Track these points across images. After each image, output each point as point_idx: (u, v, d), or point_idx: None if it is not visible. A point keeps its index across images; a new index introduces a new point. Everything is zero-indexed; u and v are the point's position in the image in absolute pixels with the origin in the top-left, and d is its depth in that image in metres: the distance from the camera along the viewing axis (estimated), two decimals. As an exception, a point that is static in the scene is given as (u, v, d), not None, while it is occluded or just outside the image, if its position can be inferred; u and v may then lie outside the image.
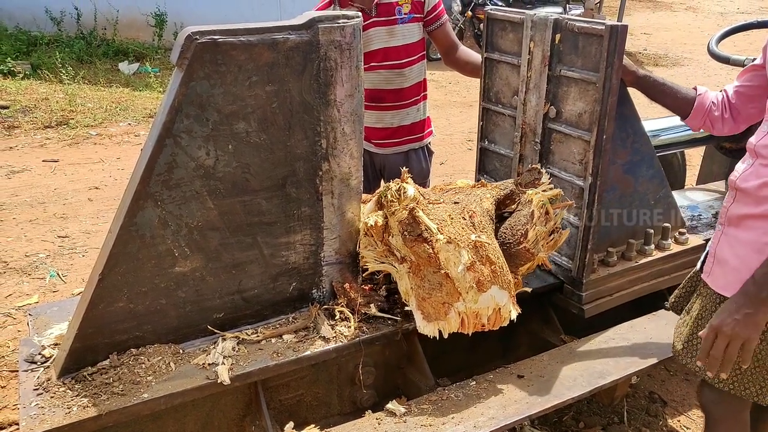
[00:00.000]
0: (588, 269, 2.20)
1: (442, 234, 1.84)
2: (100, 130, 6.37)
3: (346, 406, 2.11)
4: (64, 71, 7.52)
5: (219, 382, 1.72)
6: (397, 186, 1.96)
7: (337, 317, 2.00)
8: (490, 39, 2.40)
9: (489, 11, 2.37)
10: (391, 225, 1.93)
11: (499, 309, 1.89)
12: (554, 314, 2.40)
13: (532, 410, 1.86)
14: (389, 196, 1.96)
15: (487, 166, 2.60)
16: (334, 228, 1.99)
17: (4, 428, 2.50)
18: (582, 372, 2.05)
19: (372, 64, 2.70)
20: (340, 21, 1.77)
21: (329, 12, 1.79)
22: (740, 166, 1.67)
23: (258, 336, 1.91)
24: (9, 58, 8.08)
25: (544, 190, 2.09)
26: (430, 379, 2.04)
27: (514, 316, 1.93)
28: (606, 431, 2.57)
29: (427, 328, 1.89)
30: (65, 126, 6.35)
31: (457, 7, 10.45)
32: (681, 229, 2.48)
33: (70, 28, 9.50)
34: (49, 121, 6.38)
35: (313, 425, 1.76)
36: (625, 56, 2.00)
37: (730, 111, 1.98)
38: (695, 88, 2.08)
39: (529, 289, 2.13)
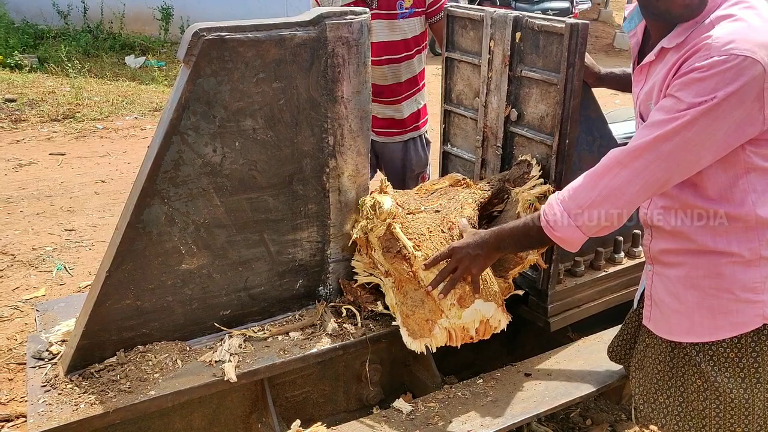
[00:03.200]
0: (553, 280, 2.08)
1: (420, 251, 1.78)
2: (107, 123, 6.38)
3: (353, 403, 2.11)
4: (70, 65, 7.53)
5: (226, 379, 1.72)
6: (372, 201, 1.91)
7: (344, 314, 1.99)
8: (450, 37, 2.27)
9: (448, 8, 2.24)
10: (372, 240, 1.88)
11: (487, 320, 1.83)
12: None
13: (540, 409, 1.85)
14: (365, 212, 1.90)
15: (449, 171, 2.46)
16: (340, 225, 1.98)
17: (12, 420, 2.51)
18: (590, 370, 2.04)
19: (371, 58, 2.69)
20: (348, 17, 1.75)
21: (336, 8, 1.78)
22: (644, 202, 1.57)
23: (265, 333, 1.90)
24: (16, 52, 8.10)
25: (532, 187, 1.96)
26: (437, 377, 2.04)
27: (503, 325, 1.87)
28: (614, 428, 2.56)
29: (413, 344, 1.84)
30: (72, 119, 6.36)
31: (463, 1, 10.41)
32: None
33: (77, 22, 9.52)
34: (55, 114, 6.39)
35: (320, 423, 1.75)
36: (587, 56, 1.92)
37: None
38: None
39: (521, 292, 2.03)
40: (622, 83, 2.06)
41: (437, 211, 1.92)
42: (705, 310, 1.47)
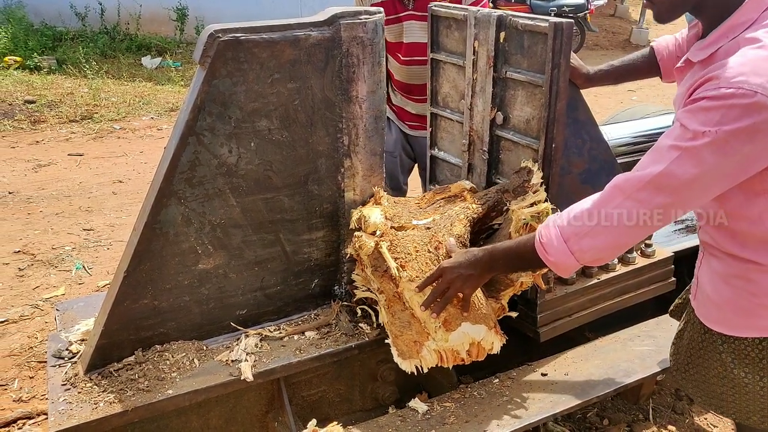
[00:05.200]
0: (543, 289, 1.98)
1: (405, 271, 1.73)
2: (124, 124, 6.45)
3: (368, 402, 2.11)
4: (88, 66, 7.61)
5: (242, 378, 1.73)
6: (359, 214, 1.89)
7: (359, 314, 1.99)
8: (435, 38, 2.18)
9: (432, 7, 2.15)
10: (362, 258, 1.85)
11: (478, 342, 1.76)
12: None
13: (556, 409, 1.84)
14: (353, 225, 1.86)
15: (438, 176, 2.38)
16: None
17: (33, 417, 2.55)
18: (607, 370, 2.02)
19: (402, 57, 2.69)
20: (362, 17, 1.75)
21: (350, 8, 1.78)
22: None
23: (281, 333, 1.91)
24: (35, 53, 8.21)
25: (531, 204, 1.81)
26: (453, 377, 2.03)
27: (497, 347, 1.78)
28: (631, 428, 2.54)
29: (404, 364, 1.79)
30: (89, 120, 6.43)
31: None
32: (647, 241, 2.26)
33: (94, 23, 9.62)
34: (74, 115, 6.47)
35: (336, 422, 1.76)
36: (574, 56, 1.86)
37: None
38: (651, 46, 1.93)
39: (514, 314, 1.93)
40: (612, 77, 2.01)
41: (428, 228, 1.84)
42: (734, 306, 1.47)
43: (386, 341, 1.85)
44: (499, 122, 1.99)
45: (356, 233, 1.89)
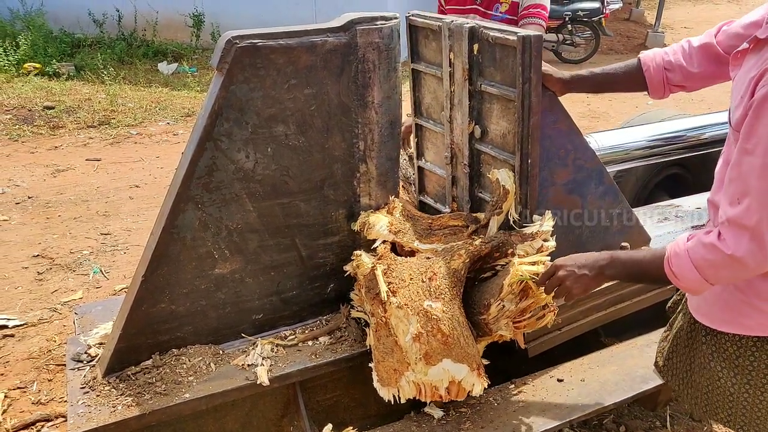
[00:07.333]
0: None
1: (395, 297, 1.69)
2: (140, 129, 6.50)
3: (384, 407, 2.10)
4: (105, 72, 7.70)
5: (258, 383, 1.74)
6: (365, 219, 1.87)
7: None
8: (414, 48, 2.12)
9: (410, 17, 2.09)
10: (359, 278, 1.84)
11: (459, 382, 1.69)
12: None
13: (573, 415, 1.83)
14: (356, 229, 1.86)
15: (426, 187, 2.33)
16: (371, 229, 1.99)
17: (51, 420, 2.57)
18: (624, 376, 2.01)
19: None
20: (378, 22, 1.76)
21: (366, 14, 1.79)
22: (715, 185, 1.50)
23: (296, 337, 1.92)
24: (54, 60, 8.32)
25: (533, 263, 1.72)
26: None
27: (478, 390, 1.71)
28: (648, 436, 2.51)
29: (382, 391, 1.77)
30: (107, 125, 6.50)
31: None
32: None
33: (112, 30, 9.73)
34: (91, 120, 6.55)
35: (351, 427, 1.76)
36: (546, 64, 1.80)
37: (698, 65, 1.71)
38: (639, 58, 1.83)
39: (485, 361, 1.81)
40: (592, 85, 1.94)
41: (428, 258, 1.81)
42: (722, 301, 1.50)
43: (369, 365, 1.82)
44: (477, 136, 1.94)
45: (355, 252, 1.90)
